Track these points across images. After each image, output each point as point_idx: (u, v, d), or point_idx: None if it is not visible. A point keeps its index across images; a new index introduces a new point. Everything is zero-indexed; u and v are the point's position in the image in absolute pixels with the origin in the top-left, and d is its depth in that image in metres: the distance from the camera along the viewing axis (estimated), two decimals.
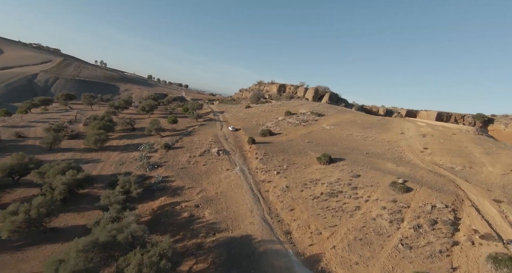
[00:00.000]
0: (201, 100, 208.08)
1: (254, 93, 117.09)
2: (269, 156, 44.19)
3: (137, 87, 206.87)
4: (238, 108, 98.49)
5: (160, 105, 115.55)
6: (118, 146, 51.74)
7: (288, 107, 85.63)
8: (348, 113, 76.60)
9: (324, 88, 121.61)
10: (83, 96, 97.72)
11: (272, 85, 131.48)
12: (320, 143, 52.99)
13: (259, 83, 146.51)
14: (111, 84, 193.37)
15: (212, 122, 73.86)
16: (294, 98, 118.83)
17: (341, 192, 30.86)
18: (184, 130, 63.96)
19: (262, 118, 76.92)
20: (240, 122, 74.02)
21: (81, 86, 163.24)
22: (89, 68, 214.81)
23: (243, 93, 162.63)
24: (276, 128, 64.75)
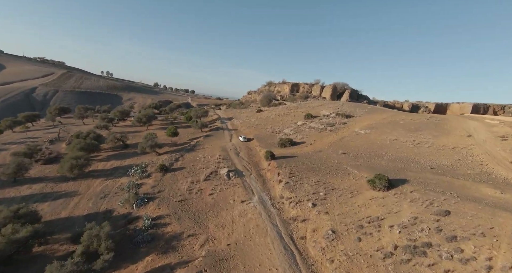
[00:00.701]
0: (207, 105, 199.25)
1: (264, 95, 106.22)
2: (297, 178, 33.01)
3: (140, 96, 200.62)
4: (248, 113, 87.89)
5: (162, 113, 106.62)
6: (104, 170, 41.85)
7: (307, 108, 74.27)
8: (382, 112, 64.39)
9: (342, 84, 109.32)
10: (77, 108, 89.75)
11: (284, 85, 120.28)
12: (359, 153, 41.31)
13: (269, 84, 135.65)
14: (114, 94, 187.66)
15: (219, 132, 63.43)
16: (309, 98, 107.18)
17: (431, 246, 19.27)
18: (186, 144, 53.75)
19: (278, 123, 65.89)
20: (252, 130, 63.26)
21: (82, 98, 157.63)
22: (91, 79, 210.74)
23: (251, 95, 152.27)
24: (297, 136, 53.52)
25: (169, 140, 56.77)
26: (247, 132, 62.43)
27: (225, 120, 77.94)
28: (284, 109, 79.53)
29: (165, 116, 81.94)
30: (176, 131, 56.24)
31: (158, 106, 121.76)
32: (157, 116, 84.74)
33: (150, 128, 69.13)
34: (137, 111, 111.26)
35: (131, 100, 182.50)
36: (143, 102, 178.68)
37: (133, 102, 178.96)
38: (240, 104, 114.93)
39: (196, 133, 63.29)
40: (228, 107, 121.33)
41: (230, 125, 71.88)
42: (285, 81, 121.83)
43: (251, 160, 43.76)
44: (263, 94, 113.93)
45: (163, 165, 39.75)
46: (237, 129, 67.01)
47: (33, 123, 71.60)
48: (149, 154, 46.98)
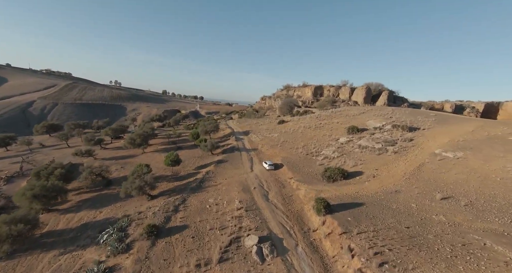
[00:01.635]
0: (217, 114, 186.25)
1: (284, 101, 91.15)
2: (394, 264, 17.40)
3: (145, 105, 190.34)
4: (267, 124, 72.95)
5: (166, 127, 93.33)
6: (65, 230, 27.87)
7: (345, 118, 58.49)
8: (461, 121, 47.54)
9: (375, 85, 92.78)
10: (66, 125, 77.90)
11: (305, 88, 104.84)
12: (474, 200, 25.23)
13: (286, 88, 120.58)
14: (117, 105, 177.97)
15: (235, 155, 48.65)
16: (337, 102, 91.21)
17: None
18: (191, 177, 39.30)
19: (311, 140, 50.48)
20: (278, 151, 48.13)
21: (82, 110, 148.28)
22: (95, 89, 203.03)
23: (266, 101, 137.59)
24: (346, 162, 37.93)
25: (169, 170, 42.39)
26: (272, 154, 47.34)
27: (240, 136, 63.20)
28: (314, 120, 64.00)
29: (167, 134, 67.88)
30: (178, 158, 41.78)
31: (162, 118, 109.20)
32: (157, 133, 70.89)
33: (147, 150, 55.29)
34: (138, 125, 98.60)
35: (135, 111, 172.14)
36: (148, 112, 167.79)
37: (137, 113, 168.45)
38: (254, 113, 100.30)
39: (205, 157, 48.75)
40: (241, 117, 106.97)
41: (247, 142, 57.02)
42: (306, 84, 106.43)
43: (289, 209, 28.51)
44: (282, 100, 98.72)
45: (153, 226, 25.12)
46: (258, 149, 52.03)
47: (7, 147, 59.40)
48: (136, 198, 32.62)
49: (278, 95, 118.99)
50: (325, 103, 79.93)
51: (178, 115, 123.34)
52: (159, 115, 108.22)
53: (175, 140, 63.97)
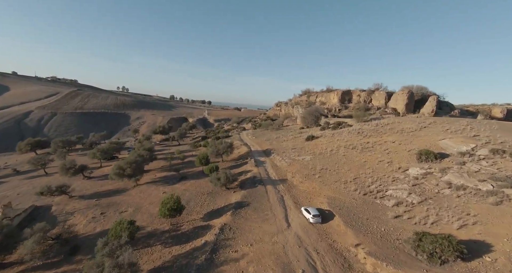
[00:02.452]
0: (226, 121, 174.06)
1: (309, 110, 77.45)
2: None
3: (151, 113, 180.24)
4: (292, 140, 59.51)
5: (170, 141, 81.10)
6: None
7: (403, 136, 44.21)
8: None
9: (417, 88, 77.98)
10: (53, 143, 66.65)
11: (329, 93, 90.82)
12: None
13: (306, 93, 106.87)
14: (121, 113, 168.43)
15: (258, 192, 35.34)
16: (371, 110, 76.94)
17: None
18: (198, 236, 26.39)
19: (361, 169, 36.78)
20: (317, 185, 34.67)
21: (83, 120, 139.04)
22: (99, 96, 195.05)
23: (282, 108, 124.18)
24: (443, 216, 24.09)
25: (166, 223, 29.38)
26: (310, 191, 33.91)
27: (260, 158, 49.95)
28: (355, 136, 50.11)
29: (168, 156, 55.05)
30: (179, 205, 28.71)
31: (166, 130, 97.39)
32: (157, 155, 58.28)
33: (142, 180, 42.69)
34: (140, 138, 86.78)
35: (139, 120, 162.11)
36: (153, 121, 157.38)
37: (142, 121, 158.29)
38: (270, 124, 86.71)
39: (217, 195, 35.65)
40: (256, 127, 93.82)
41: (271, 169, 43.67)
42: (331, 89, 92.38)
43: None
44: (305, 108, 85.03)
45: None
46: (287, 180, 38.64)
47: None
48: None
49: (297, 102, 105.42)
50: (361, 113, 65.50)
51: (184, 126, 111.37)
52: (163, 127, 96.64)
53: (178, 164, 51.23)
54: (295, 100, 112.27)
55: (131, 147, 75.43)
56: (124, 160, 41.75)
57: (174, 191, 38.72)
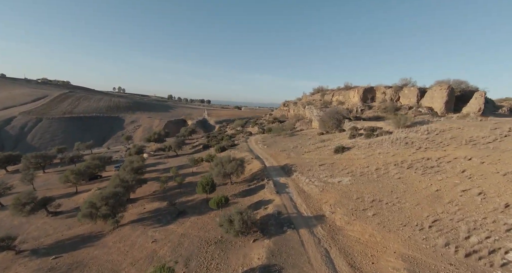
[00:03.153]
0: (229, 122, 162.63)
1: (329, 112, 66.00)
2: None
3: (147, 115, 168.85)
4: (315, 151, 48.29)
5: (166, 151, 70.03)
6: None
7: (481, 150, 33.02)
8: None
9: (455, 83, 66.72)
10: (24, 159, 55.62)
11: (349, 91, 79.31)
12: None
13: (320, 91, 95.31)
14: (115, 117, 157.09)
15: (290, 246, 24.24)
16: (401, 110, 65.77)
17: None
18: None
19: (436, 203, 25.66)
20: (376, 228, 23.55)
21: (72, 125, 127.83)
22: (92, 99, 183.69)
23: (289, 108, 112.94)
24: None
25: None
26: (368, 243, 23.01)
27: (280, 178, 38.89)
28: (403, 148, 38.91)
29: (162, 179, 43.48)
30: None
31: (162, 136, 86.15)
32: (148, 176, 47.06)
33: (125, 219, 31.55)
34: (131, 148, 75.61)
35: (134, 123, 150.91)
36: (149, 124, 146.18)
37: (137, 125, 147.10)
38: (282, 128, 75.30)
39: (230, 250, 24.62)
40: (265, 131, 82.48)
41: (299, 198, 32.65)
42: (350, 86, 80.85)
43: None
44: (324, 110, 73.63)
45: None
46: (326, 218, 27.68)
47: None
48: None
49: (309, 102, 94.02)
50: (403, 116, 53.71)
51: (182, 132, 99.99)
52: (158, 134, 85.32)
53: (175, 189, 40.13)
54: (306, 100, 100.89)
55: (120, 161, 64.35)
56: (99, 193, 30.50)
57: (168, 236, 27.79)
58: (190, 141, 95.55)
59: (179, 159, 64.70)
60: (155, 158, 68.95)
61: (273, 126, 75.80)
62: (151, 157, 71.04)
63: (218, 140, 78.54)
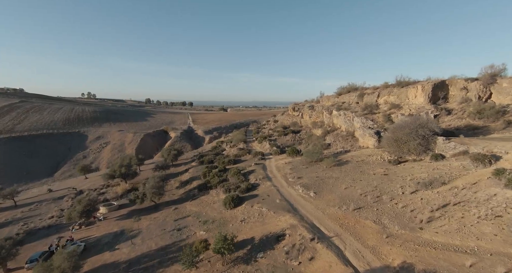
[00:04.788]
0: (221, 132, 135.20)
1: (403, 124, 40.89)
2: None
3: (117, 129, 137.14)
4: (448, 222, 23.08)
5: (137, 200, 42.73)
6: None
7: None
8: None
9: None
10: None
11: (407, 89, 54.70)
12: None
13: (353, 90, 70.32)
14: (74, 133, 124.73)
15: None
16: (507, 113, 42.77)
17: None
18: None
19: None
20: None
21: (9, 149, 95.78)
22: (46, 110, 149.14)
23: (302, 113, 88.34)
24: None
25: None
26: None
27: None
28: None
29: None
30: None
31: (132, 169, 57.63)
32: None
33: None
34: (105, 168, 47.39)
35: (101, 140, 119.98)
36: (120, 141, 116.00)
37: (104, 142, 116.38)
38: (317, 151, 48.89)
39: None
40: (290, 154, 56.33)
41: None
42: (409, 81, 56.12)
43: None
44: (369, 117, 49.10)
45: None
46: None
47: None
48: None
49: (337, 105, 69.47)
50: None
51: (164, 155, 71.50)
52: (127, 166, 56.38)
53: None
54: (329, 102, 76.44)
55: (50, 245, 36.29)
56: None
57: None
58: (176, 169, 68.19)
59: (161, 218, 37.97)
60: (118, 217, 41.38)
61: (306, 151, 49.52)
62: (112, 211, 43.53)
63: (219, 171, 52.30)
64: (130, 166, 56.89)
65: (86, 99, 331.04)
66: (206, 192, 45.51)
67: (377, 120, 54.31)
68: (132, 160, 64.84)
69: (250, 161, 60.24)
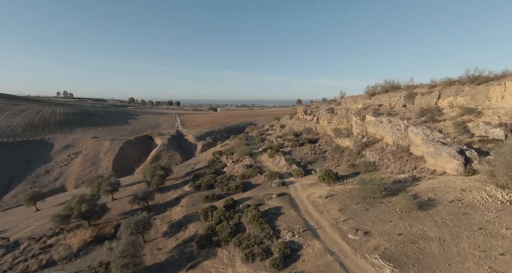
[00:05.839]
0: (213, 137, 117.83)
1: None
2: None
3: (92, 135, 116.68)
4: None
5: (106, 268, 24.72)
6: None
7: None
8: None
9: None
10: None
11: (488, 87, 39.99)
12: None
13: (393, 90, 54.80)
14: (36, 141, 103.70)
15: None
16: None
17: None
18: None
19: None
20: None
21: None
22: (5, 112, 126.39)
23: (318, 117, 73.14)
24: None
25: None
26: None
27: None
28: None
29: None
30: None
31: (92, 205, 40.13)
32: None
33: None
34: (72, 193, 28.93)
35: (70, 149, 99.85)
36: (93, 150, 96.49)
37: (74, 153, 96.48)
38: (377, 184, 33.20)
39: None
40: (324, 179, 40.38)
41: None
42: (487, 76, 41.35)
43: None
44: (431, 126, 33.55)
45: None
46: None
47: None
48: None
49: (372, 108, 54.42)
50: None
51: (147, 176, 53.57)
52: (91, 200, 39.12)
53: None
54: (358, 104, 61.29)
55: None
56: None
57: None
58: (162, 196, 51.25)
59: None
60: None
61: (361, 180, 33.37)
62: None
63: (227, 208, 36.19)
64: (94, 209, 39.16)
65: (61, 99, 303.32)
66: (212, 252, 28.94)
67: (446, 131, 39.44)
68: (102, 186, 47.08)
69: (267, 187, 44.17)
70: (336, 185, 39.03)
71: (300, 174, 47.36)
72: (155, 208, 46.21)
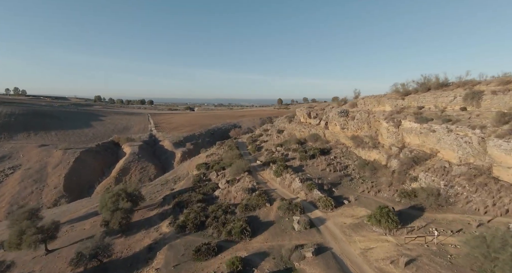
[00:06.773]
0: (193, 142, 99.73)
1: None
2: None
3: (39, 144, 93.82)
4: None
5: None
6: None
7: None
8: None
9: None
10: None
11: None
12: None
13: (442, 88, 42.84)
14: None
15: None
16: None
17: None
18: None
19: None
20: None
21: None
22: None
23: (327, 122, 60.63)
24: None
25: None
26: None
27: None
28: None
29: None
30: None
31: None
32: None
33: None
34: None
35: (6, 161, 77.63)
36: (40, 164, 75.55)
37: (12, 166, 74.78)
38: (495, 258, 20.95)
39: None
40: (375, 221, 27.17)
41: None
42: None
43: None
44: None
45: None
46: None
47: None
48: None
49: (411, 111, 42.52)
50: None
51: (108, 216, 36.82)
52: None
53: None
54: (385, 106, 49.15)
55: None
56: None
57: None
58: (128, 241, 35.09)
59: None
60: None
61: (472, 248, 20.62)
62: None
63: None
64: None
65: (10, 96, 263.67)
66: None
67: None
68: (26, 236, 29.94)
69: (286, 228, 30.03)
70: (398, 232, 25.81)
71: (330, 205, 33.74)
72: (114, 269, 29.98)
